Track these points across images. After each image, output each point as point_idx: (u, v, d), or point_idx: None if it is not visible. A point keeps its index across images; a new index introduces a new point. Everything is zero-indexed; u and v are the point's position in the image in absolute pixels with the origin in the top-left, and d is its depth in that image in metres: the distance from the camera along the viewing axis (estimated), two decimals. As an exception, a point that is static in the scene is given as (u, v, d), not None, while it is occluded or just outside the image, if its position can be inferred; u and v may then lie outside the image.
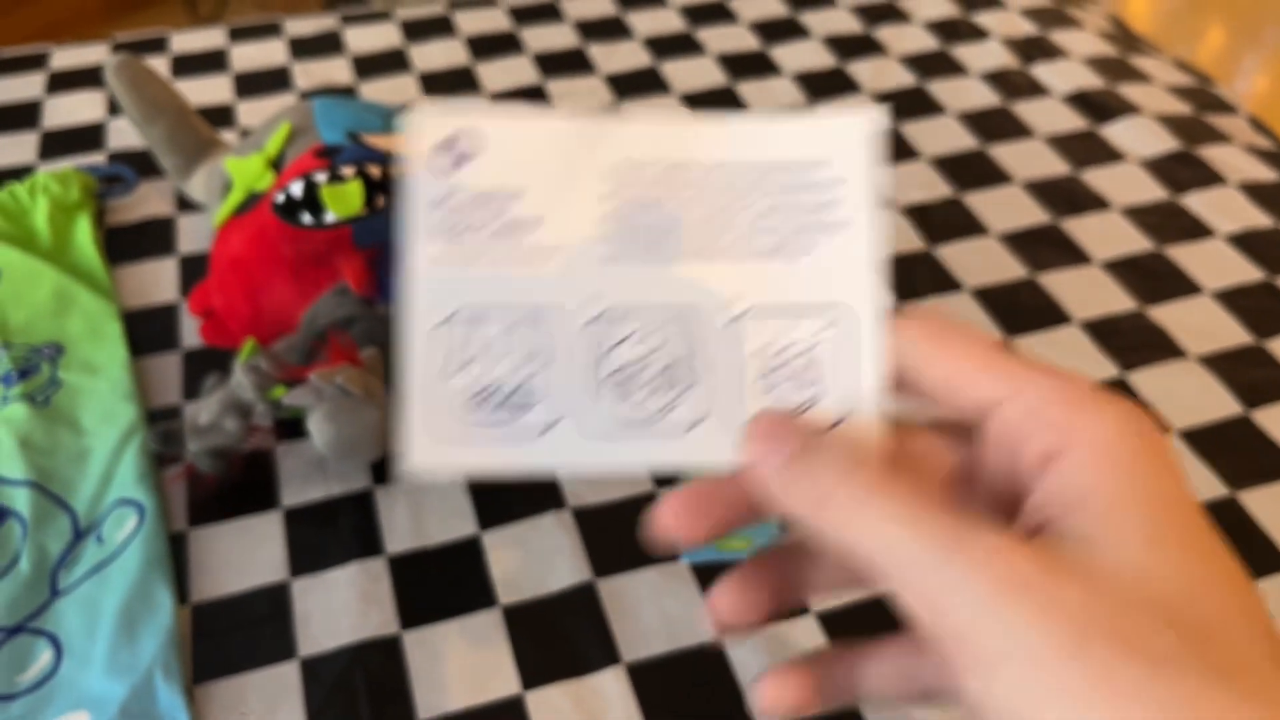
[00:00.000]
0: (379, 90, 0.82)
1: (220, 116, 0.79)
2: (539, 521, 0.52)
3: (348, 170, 0.53)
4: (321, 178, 0.53)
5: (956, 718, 0.23)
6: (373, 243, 0.52)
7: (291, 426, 0.54)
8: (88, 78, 0.83)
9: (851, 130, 0.28)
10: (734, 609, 0.28)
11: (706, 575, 0.49)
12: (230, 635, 0.47)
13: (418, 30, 0.89)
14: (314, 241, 0.52)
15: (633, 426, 0.27)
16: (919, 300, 0.64)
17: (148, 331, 0.61)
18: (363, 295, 0.52)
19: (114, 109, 0.79)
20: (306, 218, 0.52)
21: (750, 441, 0.25)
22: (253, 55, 0.86)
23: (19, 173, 0.72)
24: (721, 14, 0.93)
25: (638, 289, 0.27)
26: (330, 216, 0.52)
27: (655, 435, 0.27)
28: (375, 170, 0.53)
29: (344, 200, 0.52)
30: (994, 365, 0.24)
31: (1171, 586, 0.21)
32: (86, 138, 0.76)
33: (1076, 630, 0.20)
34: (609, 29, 0.90)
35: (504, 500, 0.52)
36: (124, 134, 0.76)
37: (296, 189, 0.53)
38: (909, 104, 0.82)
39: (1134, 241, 0.69)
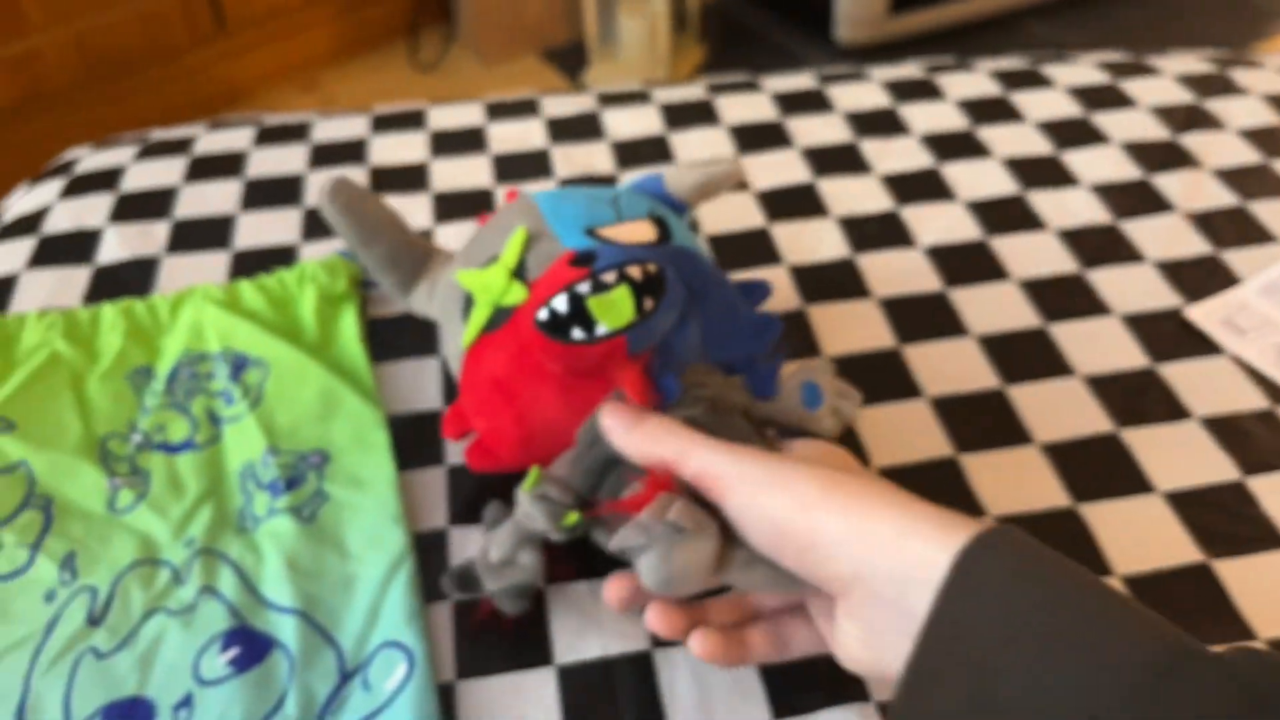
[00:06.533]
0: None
1: (483, 202, 0.77)
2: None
3: (609, 277, 0.49)
4: (585, 288, 0.48)
5: None
6: (645, 347, 0.48)
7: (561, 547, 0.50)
8: (350, 152, 0.82)
9: None
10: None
11: None
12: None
13: (679, 117, 0.86)
14: (587, 357, 0.48)
15: None
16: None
17: (410, 440, 0.58)
18: (642, 405, 0.48)
19: (378, 186, 0.78)
20: (577, 333, 0.48)
21: (606, 418, 0.46)
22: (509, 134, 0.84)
23: (282, 252, 0.71)
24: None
25: None
26: (602, 329, 0.48)
27: None
28: (635, 272, 0.49)
29: (615, 311, 0.48)
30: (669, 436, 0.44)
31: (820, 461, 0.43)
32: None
33: (776, 471, 0.41)
34: (885, 124, 0.84)
35: (804, 684, 0.47)
36: (386, 216, 0.74)
37: (561, 304, 0.49)
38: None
39: None
